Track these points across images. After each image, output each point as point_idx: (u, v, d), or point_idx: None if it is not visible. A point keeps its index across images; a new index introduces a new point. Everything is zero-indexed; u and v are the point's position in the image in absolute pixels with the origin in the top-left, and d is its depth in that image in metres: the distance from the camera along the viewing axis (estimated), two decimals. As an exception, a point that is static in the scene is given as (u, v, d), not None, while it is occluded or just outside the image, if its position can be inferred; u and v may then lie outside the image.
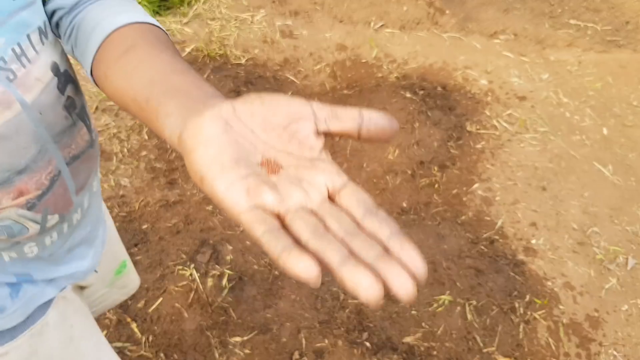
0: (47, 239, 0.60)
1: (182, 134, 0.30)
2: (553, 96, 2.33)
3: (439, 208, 1.85)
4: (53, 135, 0.52)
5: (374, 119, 0.31)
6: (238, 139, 0.30)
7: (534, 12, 2.80)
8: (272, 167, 0.30)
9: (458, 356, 1.47)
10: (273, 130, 0.31)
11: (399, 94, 2.15)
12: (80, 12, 0.50)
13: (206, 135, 0.29)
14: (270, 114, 0.31)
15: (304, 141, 0.31)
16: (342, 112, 0.31)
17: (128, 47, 0.43)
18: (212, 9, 2.50)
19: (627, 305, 1.66)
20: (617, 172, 2.06)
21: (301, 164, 0.30)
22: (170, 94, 0.36)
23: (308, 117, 0.31)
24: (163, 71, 0.39)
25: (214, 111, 0.30)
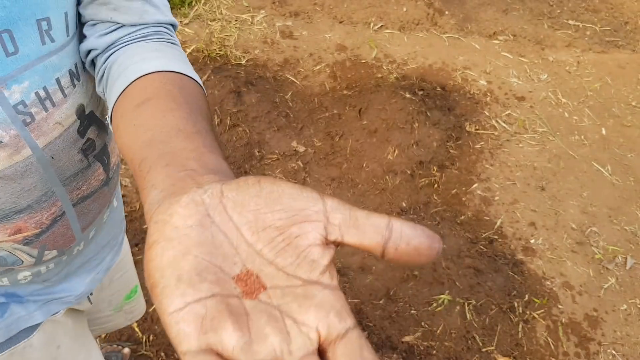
0: (43, 268, 0.58)
1: (152, 218, 0.24)
2: (552, 96, 2.34)
3: (438, 208, 1.86)
4: (63, 178, 0.51)
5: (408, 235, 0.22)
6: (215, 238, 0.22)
7: (533, 13, 2.81)
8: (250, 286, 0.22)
9: (457, 355, 1.48)
10: (265, 231, 0.22)
11: (398, 94, 2.16)
12: (115, 52, 0.46)
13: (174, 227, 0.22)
14: (266, 208, 0.23)
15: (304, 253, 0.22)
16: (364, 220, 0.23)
17: (145, 98, 0.39)
18: (212, 9, 2.51)
19: (626, 305, 1.67)
20: (616, 172, 2.07)
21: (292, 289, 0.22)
22: (165, 160, 0.30)
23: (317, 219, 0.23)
24: (168, 131, 0.34)
25: (194, 196, 0.23)
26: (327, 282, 0.22)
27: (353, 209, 0.23)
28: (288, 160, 1.95)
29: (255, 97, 2.10)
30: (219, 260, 0.22)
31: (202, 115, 0.38)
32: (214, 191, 0.23)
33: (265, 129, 2.02)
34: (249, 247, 0.22)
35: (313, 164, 1.95)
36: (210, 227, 0.22)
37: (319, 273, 0.22)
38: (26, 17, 0.41)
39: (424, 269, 1.66)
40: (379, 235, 0.22)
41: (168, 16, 0.50)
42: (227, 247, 0.22)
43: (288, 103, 2.14)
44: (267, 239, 0.22)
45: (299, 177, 1.90)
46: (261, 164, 1.92)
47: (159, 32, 0.48)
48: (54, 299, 0.65)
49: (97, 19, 0.46)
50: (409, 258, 0.22)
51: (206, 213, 0.23)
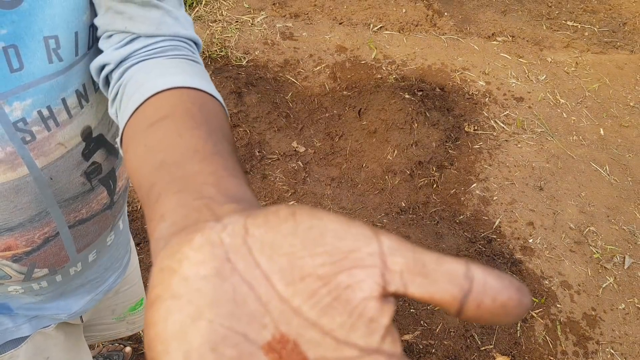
0: (35, 285, 0.57)
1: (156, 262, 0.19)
2: (550, 97, 2.35)
3: (437, 207, 1.87)
4: (60, 200, 0.49)
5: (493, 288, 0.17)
6: (238, 292, 0.17)
7: (531, 14, 2.82)
8: (286, 358, 0.16)
9: (456, 354, 1.49)
10: (305, 281, 0.17)
11: (397, 95, 2.17)
12: (129, 68, 0.41)
13: (183, 278, 0.17)
14: (304, 251, 0.17)
15: (358, 310, 0.17)
16: (434, 266, 0.17)
17: (159, 117, 0.34)
18: (213, 11, 2.53)
19: (624, 304, 1.68)
20: (614, 172, 2.08)
21: None
22: (176, 186, 0.25)
23: (371, 264, 0.17)
24: (183, 152, 0.29)
25: (210, 235, 0.18)
26: (390, 350, 0.17)
27: (417, 250, 0.17)
28: (288, 160, 1.96)
29: (255, 98, 2.11)
30: (242, 323, 0.16)
31: (224, 135, 0.33)
32: (236, 227, 0.18)
33: (266, 129, 2.03)
34: (283, 303, 0.17)
35: (313, 164, 1.97)
36: (230, 278, 0.17)
37: (380, 337, 0.17)
38: (33, 33, 0.40)
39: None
40: (456, 287, 0.17)
41: (189, 31, 0.45)
42: (254, 304, 0.17)
43: (288, 104, 2.16)
44: (307, 292, 0.17)
45: (299, 177, 1.92)
46: (261, 164, 1.93)
47: (178, 47, 0.43)
48: (45, 315, 0.63)
49: (112, 29, 0.43)
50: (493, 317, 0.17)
51: (225, 258, 0.17)
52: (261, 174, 1.89)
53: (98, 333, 0.90)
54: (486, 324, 0.18)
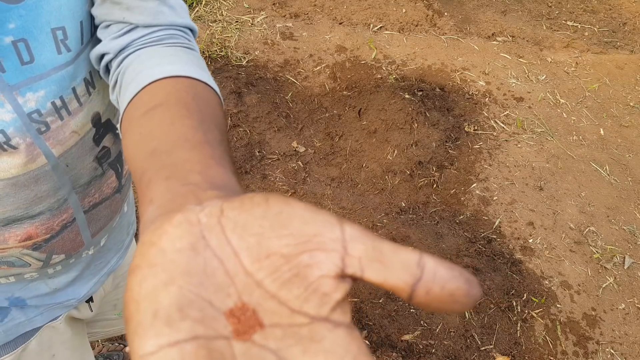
0: (50, 270, 0.59)
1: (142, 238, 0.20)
2: (550, 97, 2.35)
3: (437, 207, 1.87)
4: (76, 186, 0.51)
5: (443, 277, 0.18)
6: (208, 264, 0.19)
7: (531, 14, 2.82)
8: (244, 323, 0.18)
9: (456, 354, 1.49)
10: (269, 258, 0.19)
11: (397, 95, 2.17)
12: (128, 56, 0.43)
13: (160, 250, 0.19)
14: (272, 232, 0.19)
15: (314, 285, 0.18)
16: (390, 254, 0.19)
17: (153, 105, 0.35)
18: (213, 11, 2.53)
19: (624, 304, 1.68)
20: (614, 172, 2.08)
21: (296, 329, 0.18)
22: (165, 173, 0.27)
23: (332, 248, 0.19)
24: (173, 142, 0.30)
25: (189, 215, 0.20)
26: (339, 319, 0.18)
27: (377, 239, 0.19)
28: (288, 160, 1.96)
29: (255, 98, 2.11)
30: (209, 291, 0.18)
31: (215, 125, 0.34)
32: (213, 209, 0.20)
33: (266, 129, 2.03)
34: (248, 276, 0.18)
35: (313, 164, 1.97)
36: (203, 252, 0.19)
37: (330, 308, 0.18)
38: (41, 26, 0.41)
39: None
40: (408, 274, 0.18)
41: (185, 19, 0.47)
42: (222, 276, 0.18)
43: (288, 104, 2.16)
44: (271, 268, 0.18)
45: (299, 177, 1.92)
46: (261, 164, 1.93)
47: (174, 36, 0.45)
48: (56, 303, 0.65)
49: (110, 19, 0.44)
50: (442, 304, 0.18)
51: (201, 235, 0.19)
52: (261, 174, 1.89)
53: (101, 329, 0.91)
54: (436, 311, 0.19)
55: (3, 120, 0.42)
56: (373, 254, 0.19)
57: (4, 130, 0.42)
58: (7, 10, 0.39)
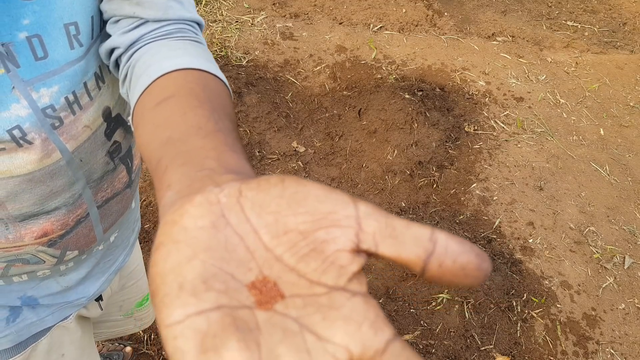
0: (62, 267, 0.59)
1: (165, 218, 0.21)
2: (550, 97, 2.35)
3: (437, 207, 1.87)
4: (90, 180, 0.52)
5: (454, 251, 0.19)
6: (229, 241, 0.19)
7: (531, 14, 2.82)
8: (265, 294, 0.19)
9: (456, 354, 1.49)
10: (287, 234, 0.19)
11: (397, 95, 2.17)
12: (137, 51, 0.44)
13: (182, 228, 0.19)
14: (289, 210, 0.20)
15: (330, 258, 0.19)
16: (403, 229, 0.19)
17: (165, 97, 0.36)
18: (213, 11, 2.53)
19: (624, 304, 1.68)
20: (614, 172, 2.08)
21: (315, 298, 0.19)
22: (181, 159, 0.28)
23: (347, 224, 0.19)
24: (186, 130, 0.31)
25: (209, 196, 0.20)
26: (356, 289, 0.19)
27: (390, 216, 0.20)
28: (288, 160, 1.96)
29: (255, 98, 2.11)
30: (231, 266, 0.19)
31: (226, 114, 0.35)
32: (232, 190, 0.20)
33: (266, 129, 2.03)
34: (268, 252, 0.19)
35: (313, 164, 1.97)
36: (224, 230, 0.19)
37: (347, 279, 0.19)
38: (54, 21, 0.41)
39: (423, 268, 1.67)
40: (421, 248, 0.19)
41: (192, 13, 0.48)
42: (242, 251, 0.19)
43: (288, 104, 2.16)
44: (289, 244, 0.19)
45: (299, 177, 1.91)
46: (262, 164, 1.93)
47: (183, 30, 0.46)
48: (67, 302, 0.65)
49: (120, 14, 0.45)
50: (454, 278, 0.19)
51: (221, 214, 0.20)
52: (261, 174, 1.89)
53: (107, 330, 0.91)
54: (448, 284, 0.19)
55: (19, 115, 0.42)
56: (386, 230, 0.19)
57: (20, 126, 0.42)
58: (22, 6, 0.39)
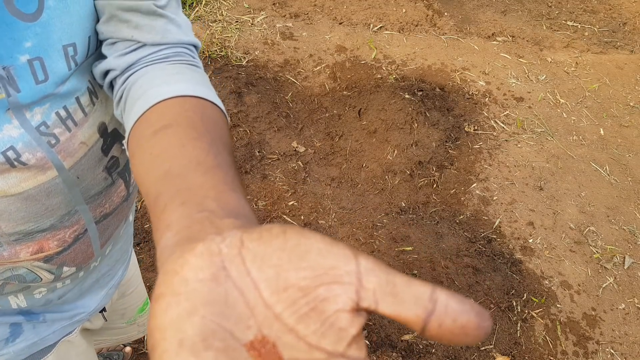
0: (59, 284, 0.58)
1: (162, 266, 0.21)
2: (550, 97, 2.35)
3: (437, 207, 1.87)
4: (87, 197, 0.51)
5: (454, 310, 0.19)
6: (229, 295, 0.19)
7: (531, 14, 2.82)
8: (264, 356, 0.19)
9: (456, 354, 1.49)
10: (287, 291, 0.20)
11: (397, 94, 2.17)
12: (134, 74, 0.43)
13: (183, 279, 0.19)
14: (290, 264, 0.20)
15: (330, 319, 0.19)
16: (403, 287, 0.19)
17: (162, 126, 0.36)
18: (213, 11, 2.53)
19: (624, 304, 1.68)
20: (614, 172, 2.08)
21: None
22: (180, 198, 0.28)
23: (348, 281, 0.19)
24: (186, 164, 0.31)
25: (210, 245, 0.20)
26: (354, 354, 0.19)
27: (391, 272, 0.20)
28: (288, 160, 1.96)
29: (255, 98, 2.11)
30: (230, 322, 0.19)
31: (224, 145, 0.35)
32: (234, 240, 0.20)
33: (266, 129, 2.03)
34: (267, 309, 0.19)
35: (313, 164, 1.97)
36: (224, 283, 0.19)
37: (346, 344, 0.19)
38: (53, 43, 0.41)
39: (423, 268, 1.67)
40: (421, 308, 0.19)
41: (190, 36, 0.47)
42: (242, 307, 0.19)
43: (288, 103, 2.16)
44: (289, 301, 0.19)
45: (299, 177, 1.92)
46: (261, 164, 1.93)
47: (180, 53, 0.46)
48: (67, 318, 0.64)
49: (118, 37, 0.44)
50: (453, 337, 0.19)
51: (222, 265, 0.20)
52: (261, 174, 1.89)
53: (110, 337, 0.91)
54: (447, 343, 0.19)
55: (11, 136, 0.41)
56: (387, 287, 0.19)
57: (13, 147, 0.42)
58: (25, 28, 0.38)
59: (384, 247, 1.72)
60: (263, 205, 1.80)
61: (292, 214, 1.79)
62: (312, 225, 1.78)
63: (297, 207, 1.81)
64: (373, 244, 1.73)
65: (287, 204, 1.82)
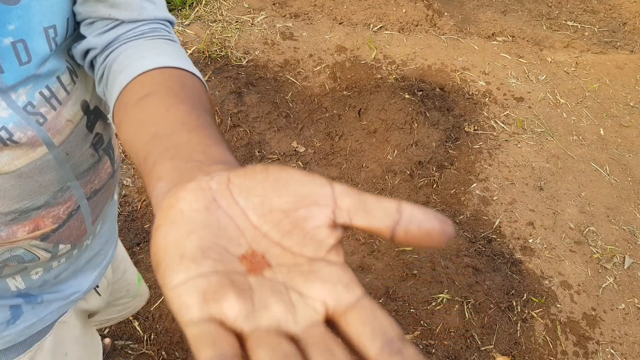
0: (55, 263, 0.60)
1: (160, 204, 0.24)
2: (550, 97, 2.35)
3: (437, 207, 1.87)
4: (77, 173, 0.53)
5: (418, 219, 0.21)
6: (221, 220, 0.22)
7: (531, 14, 2.82)
8: (255, 263, 0.22)
9: (456, 354, 1.49)
10: (272, 214, 0.23)
11: (397, 95, 2.17)
12: (113, 51, 0.45)
13: (179, 211, 0.22)
14: (273, 193, 0.23)
15: (310, 234, 0.22)
16: (374, 204, 0.22)
17: (145, 94, 0.39)
18: (213, 11, 2.53)
19: (624, 304, 1.68)
20: (614, 172, 2.08)
21: (298, 267, 0.22)
22: (169, 153, 0.30)
23: (325, 203, 0.22)
24: (171, 126, 0.34)
25: (200, 183, 0.23)
26: (333, 259, 0.22)
27: (362, 193, 0.23)
28: (288, 160, 1.96)
29: (255, 98, 2.11)
30: (223, 241, 0.22)
31: (205, 109, 0.37)
32: (221, 178, 0.24)
33: (266, 129, 2.03)
34: (255, 229, 0.23)
35: (313, 164, 1.97)
36: (216, 212, 0.22)
37: (326, 251, 0.22)
38: (35, 25, 0.42)
39: (423, 268, 1.67)
40: (389, 219, 0.22)
41: (165, 12, 0.49)
42: (233, 229, 0.22)
43: (288, 104, 2.16)
44: (274, 222, 0.22)
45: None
46: (261, 164, 1.93)
47: (156, 29, 0.48)
48: (63, 298, 0.66)
49: (95, 16, 0.46)
50: (420, 242, 0.21)
51: (212, 198, 0.23)
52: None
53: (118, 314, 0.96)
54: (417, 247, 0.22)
55: (1, 117, 0.43)
56: (359, 204, 0.22)
57: (5, 127, 0.43)
58: (7, 11, 0.39)
59: (384, 247, 1.72)
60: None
61: (292, 214, 1.79)
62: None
63: (297, 207, 1.81)
64: (373, 244, 1.73)
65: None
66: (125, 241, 1.64)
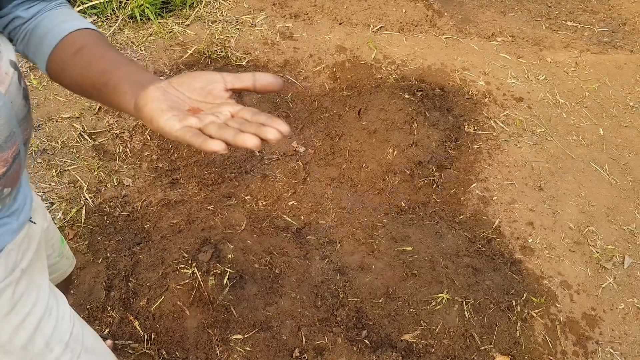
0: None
1: (136, 102, 0.49)
2: (550, 97, 2.35)
3: (437, 207, 1.87)
4: (19, 120, 0.61)
5: (263, 78, 0.49)
6: (173, 98, 0.48)
7: (531, 14, 2.82)
8: (194, 110, 0.48)
9: (456, 354, 1.49)
10: (195, 91, 0.49)
11: (397, 95, 2.18)
12: (34, 21, 0.62)
13: (151, 97, 0.48)
14: (194, 82, 0.49)
15: (216, 95, 0.49)
16: (241, 75, 0.49)
17: (80, 47, 0.59)
18: (213, 11, 2.53)
19: (624, 304, 1.68)
20: (614, 172, 2.08)
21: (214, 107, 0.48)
22: (123, 78, 0.53)
23: (219, 81, 0.49)
24: (113, 63, 0.56)
25: (156, 84, 0.49)
26: (230, 102, 0.49)
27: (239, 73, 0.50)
28: (288, 160, 1.96)
29: (255, 98, 2.11)
30: (177, 105, 0.48)
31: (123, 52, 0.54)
32: (165, 82, 0.50)
33: (266, 129, 2.03)
34: (190, 99, 0.49)
35: (313, 164, 1.97)
36: (168, 95, 0.48)
37: (226, 99, 0.50)
38: None
39: (423, 268, 1.67)
40: (249, 81, 0.49)
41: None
42: (179, 101, 0.49)
43: (288, 104, 2.16)
44: (197, 94, 0.49)
45: (299, 177, 1.92)
46: (262, 164, 1.93)
47: (62, 3, 0.67)
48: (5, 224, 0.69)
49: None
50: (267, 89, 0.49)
51: (165, 90, 0.49)
52: (261, 174, 1.89)
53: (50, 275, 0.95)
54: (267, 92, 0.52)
55: None
56: (235, 77, 0.50)
57: None
58: None
59: (384, 247, 1.72)
60: (263, 205, 1.80)
61: (292, 214, 1.80)
62: (312, 225, 1.78)
63: (297, 207, 1.82)
64: (373, 244, 1.73)
65: (287, 204, 1.82)
66: (125, 241, 1.64)
